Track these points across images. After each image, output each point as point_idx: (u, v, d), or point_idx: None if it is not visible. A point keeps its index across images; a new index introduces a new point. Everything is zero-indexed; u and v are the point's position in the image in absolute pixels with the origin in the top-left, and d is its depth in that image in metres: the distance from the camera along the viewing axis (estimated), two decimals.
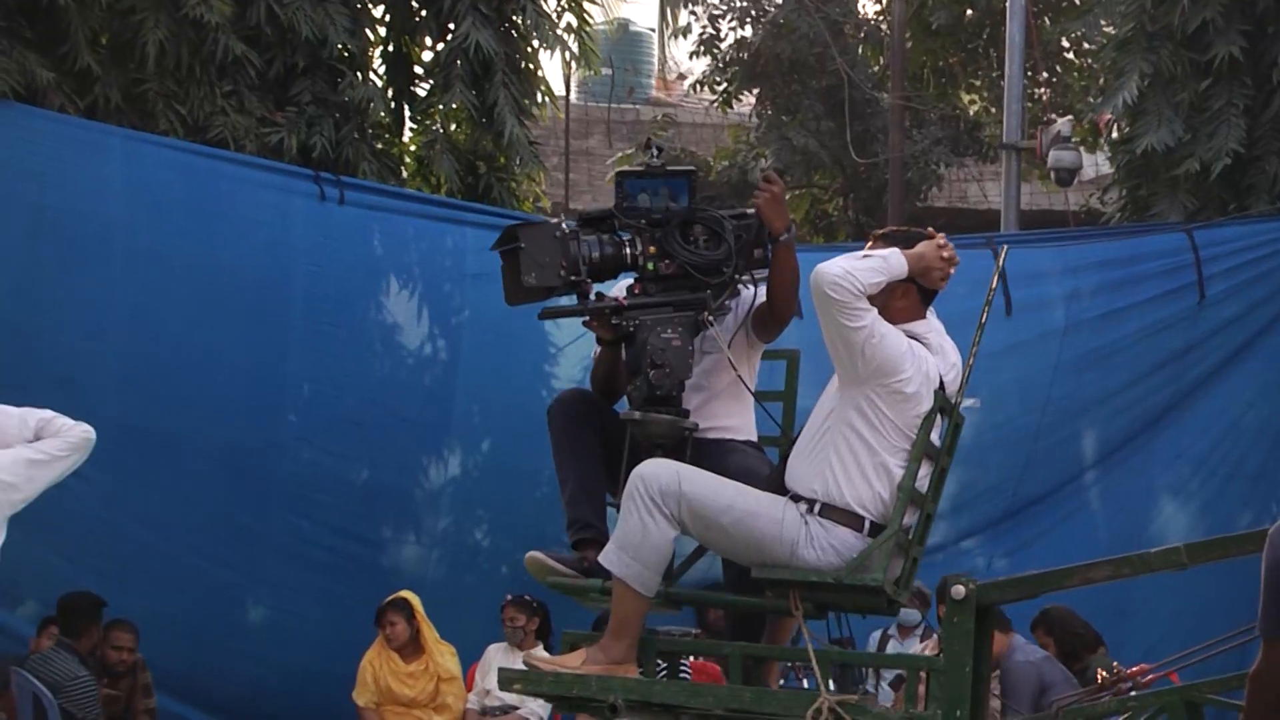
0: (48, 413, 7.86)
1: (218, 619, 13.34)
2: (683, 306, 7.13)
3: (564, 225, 7.29)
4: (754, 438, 7.49)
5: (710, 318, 7.14)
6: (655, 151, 7.45)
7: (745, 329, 7.42)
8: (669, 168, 7.37)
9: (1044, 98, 23.38)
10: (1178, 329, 15.18)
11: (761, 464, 7.30)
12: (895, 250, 6.87)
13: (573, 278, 7.15)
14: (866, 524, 6.78)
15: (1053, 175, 21.10)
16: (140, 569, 12.95)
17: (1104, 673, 10.35)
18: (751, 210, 7.25)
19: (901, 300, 6.94)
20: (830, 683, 7.18)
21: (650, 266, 7.19)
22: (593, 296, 7.25)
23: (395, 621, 13.20)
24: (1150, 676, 9.62)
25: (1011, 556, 14.68)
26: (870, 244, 7.15)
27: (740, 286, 7.33)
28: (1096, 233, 17.69)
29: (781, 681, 8.79)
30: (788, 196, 25.02)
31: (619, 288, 7.29)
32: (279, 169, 14.56)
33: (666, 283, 7.17)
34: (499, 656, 13.10)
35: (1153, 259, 15.40)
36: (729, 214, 7.26)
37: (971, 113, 25.73)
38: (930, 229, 7.24)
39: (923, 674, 7.18)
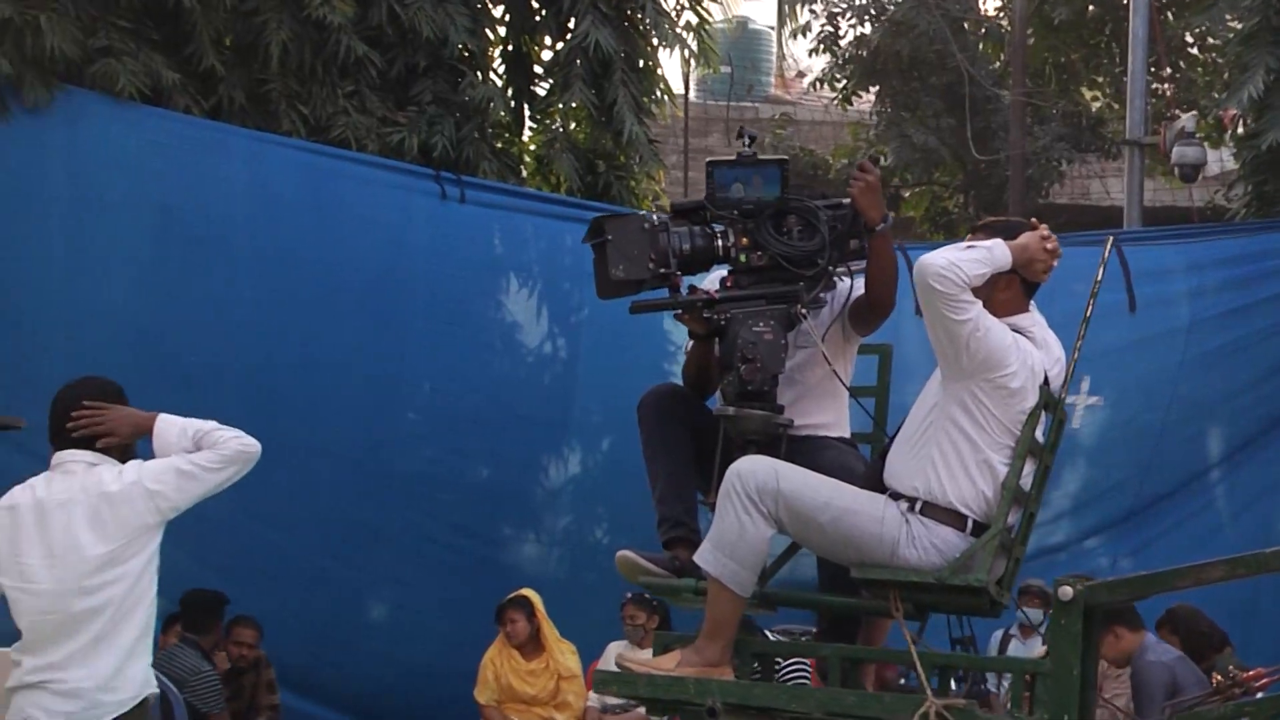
0: (209, 424, 7.85)
1: (340, 616, 13.47)
2: (775, 299, 7.06)
3: (653, 217, 7.26)
4: (848, 434, 7.44)
5: (803, 311, 7.07)
6: (747, 140, 7.36)
7: (841, 322, 7.37)
8: (760, 157, 7.29)
9: (1167, 93, 23.24)
10: None
11: (857, 461, 7.26)
12: (999, 241, 6.77)
13: (662, 270, 7.11)
14: (969, 523, 6.70)
15: (1176, 171, 20.96)
16: (264, 567, 13.08)
17: (1219, 676, 10.28)
18: (847, 200, 7.16)
19: (1004, 292, 6.83)
20: (952, 682, 7.14)
21: (742, 258, 7.12)
22: (685, 289, 7.18)
23: (516, 619, 13.25)
24: (1265, 681, 9.53)
25: (1136, 555, 14.60)
26: (970, 235, 7.04)
27: (835, 279, 7.25)
28: (1221, 229, 17.56)
29: (901, 681, 8.76)
30: (908, 194, 25.39)
31: (710, 280, 7.25)
32: (400, 168, 14.67)
33: (759, 275, 7.11)
34: (619, 655, 13.18)
35: (1278, 256, 15.31)
36: (823, 204, 7.19)
37: (1094, 108, 25.62)
38: (1034, 220, 7.12)
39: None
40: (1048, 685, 6.54)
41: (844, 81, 25.83)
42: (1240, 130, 17.86)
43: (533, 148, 16.97)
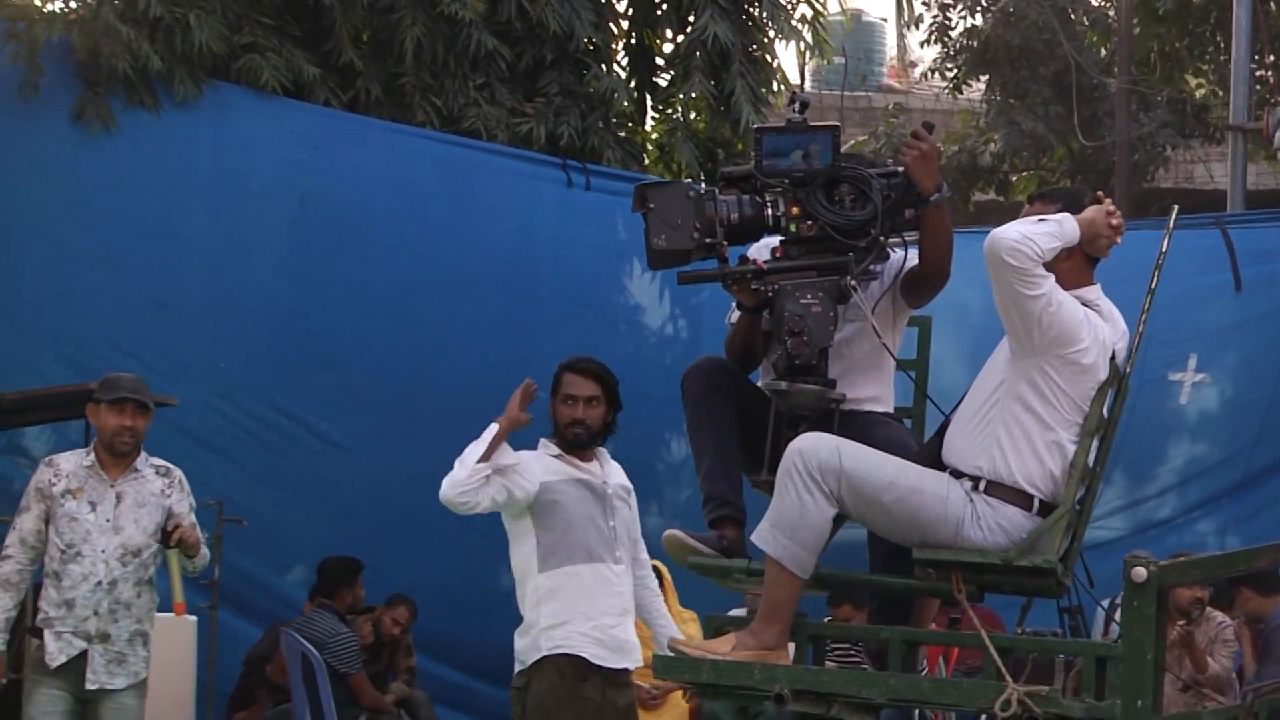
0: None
1: (472, 585, 13.42)
2: (826, 270, 6.68)
3: (699, 186, 6.95)
4: (892, 409, 7.13)
5: (853, 282, 6.68)
6: (798, 106, 6.93)
7: (892, 294, 7.03)
8: (811, 123, 6.86)
9: (1270, 80, 23.04)
10: None
11: (907, 437, 6.99)
12: (1068, 215, 6.45)
13: (708, 240, 6.73)
14: (1036, 503, 6.39)
15: (1279, 155, 20.91)
16: (401, 537, 13.17)
17: None
18: (902, 168, 6.75)
19: (1066, 263, 6.43)
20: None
21: (792, 228, 6.74)
22: (735, 259, 6.85)
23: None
24: None
25: (1241, 528, 14.58)
26: (1029, 205, 6.77)
27: (888, 250, 6.87)
28: None
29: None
30: (1016, 178, 25.36)
31: (756, 249, 6.92)
32: (528, 157, 14.78)
33: (809, 245, 6.72)
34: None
35: None
36: (877, 172, 6.78)
37: (1198, 95, 25.40)
38: (1099, 193, 6.78)
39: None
40: (1120, 670, 6.19)
41: (954, 71, 25.69)
42: None
43: (654, 136, 17.04)
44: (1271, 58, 23.01)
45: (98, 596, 8.11)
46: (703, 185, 6.95)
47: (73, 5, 13.84)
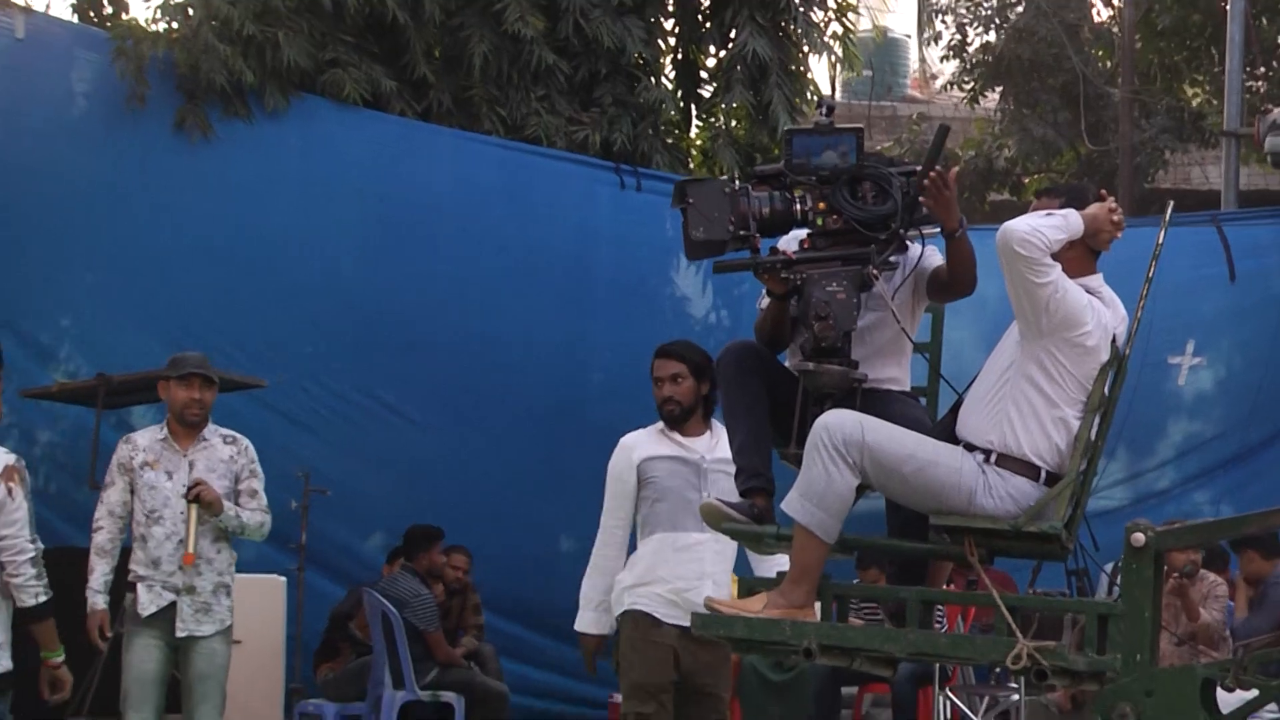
0: None
1: (535, 548, 13.47)
2: (850, 261, 6.62)
3: (734, 182, 6.85)
4: (909, 388, 7.04)
5: (875, 272, 6.63)
6: (825, 110, 6.93)
7: (911, 283, 6.95)
8: (837, 125, 6.83)
9: (1261, 90, 22.93)
10: None
11: (923, 414, 6.90)
12: (1073, 211, 6.42)
13: (741, 232, 6.68)
14: (1042, 474, 6.34)
15: (1269, 159, 20.74)
16: (470, 505, 13.13)
17: None
18: (919, 166, 6.68)
19: (1070, 253, 6.41)
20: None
21: (819, 221, 6.67)
22: (766, 250, 6.79)
23: None
24: None
25: (1234, 497, 14.51)
26: (1037, 199, 6.72)
27: (907, 242, 6.81)
28: None
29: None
30: (1028, 180, 25.26)
31: (785, 241, 6.86)
32: (584, 161, 14.78)
33: (834, 237, 6.67)
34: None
35: None
36: (897, 170, 6.75)
37: (1195, 104, 25.25)
38: (1102, 190, 6.73)
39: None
40: (1121, 627, 6.14)
41: (971, 83, 25.64)
42: None
43: (699, 143, 16.95)
44: (1262, 69, 22.90)
45: (178, 554, 8.14)
46: (737, 182, 6.86)
47: (175, 25, 13.85)
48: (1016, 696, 12.32)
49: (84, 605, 8.45)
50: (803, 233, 6.71)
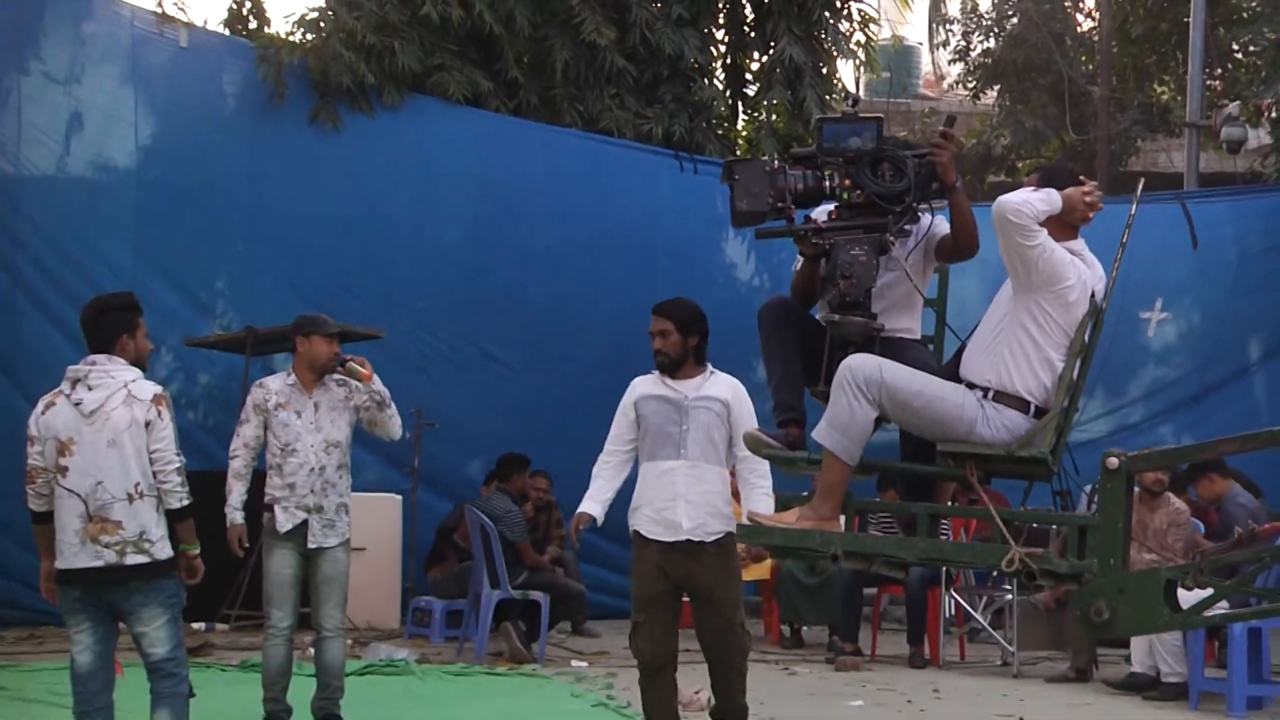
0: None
1: None
2: (870, 229, 6.57)
3: (774, 162, 6.78)
4: (919, 336, 6.99)
5: (891, 238, 6.59)
6: (851, 102, 6.87)
7: (922, 249, 6.89)
8: (861, 114, 6.76)
9: (1218, 88, 22.74)
10: None
11: (931, 358, 6.85)
12: (1054, 191, 6.35)
13: (779, 205, 6.60)
14: (1032, 407, 6.30)
15: (1224, 146, 20.63)
16: (554, 434, 13.13)
17: (1240, 529, 10.14)
18: (928, 150, 6.64)
19: (1053, 223, 6.35)
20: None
21: (844, 196, 6.58)
22: (800, 219, 6.71)
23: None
24: (1267, 528, 9.32)
25: (1193, 430, 14.37)
26: (1028, 177, 6.60)
27: (919, 213, 6.74)
28: (1259, 189, 17.31)
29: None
30: (1021, 164, 25.10)
31: (817, 212, 6.73)
32: (649, 149, 14.80)
33: (857, 209, 6.57)
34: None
35: None
36: (912, 153, 6.68)
37: (1162, 100, 25.07)
38: (1082, 177, 6.64)
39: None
40: (1097, 536, 6.10)
41: (973, 82, 25.52)
42: (1274, 115, 17.55)
43: (744, 133, 16.88)
44: (1219, 71, 22.68)
45: (311, 480, 8.16)
46: (776, 162, 6.77)
47: (308, 36, 13.96)
48: (1010, 596, 12.30)
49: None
50: (831, 205, 6.66)
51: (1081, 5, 25.82)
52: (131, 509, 6.44)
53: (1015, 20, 25.10)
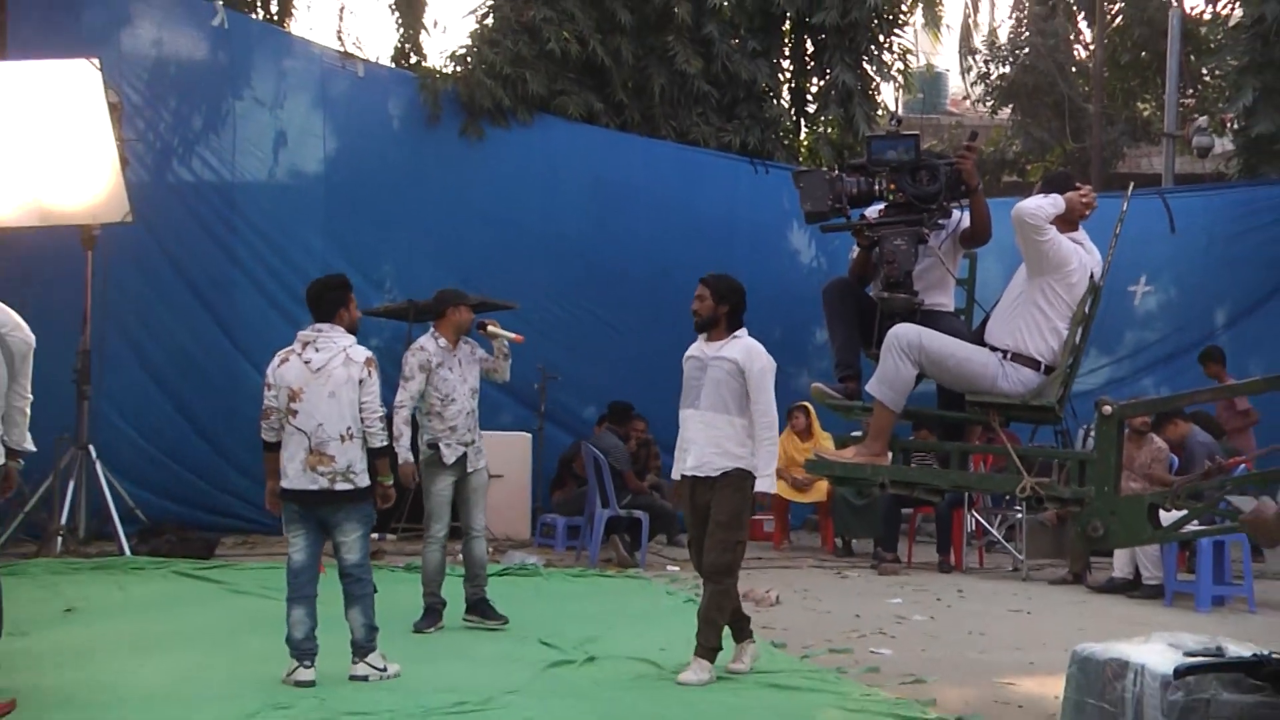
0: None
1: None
2: (910, 224, 6.58)
3: (833, 171, 6.76)
4: (953, 309, 6.91)
5: (926, 231, 6.61)
6: (894, 121, 6.96)
7: (952, 239, 6.83)
8: (902, 132, 6.81)
9: (1190, 105, 22.43)
10: (1266, 241, 14.67)
11: (962, 326, 6.79)
12: (1059, 195, 6.31)
13: (837, 205, 6.62)
14: (1042, 366, 6.30)
15: (1195, 152, 20.39)
16: (653, 386, 12.96)
17: (1209, 461, 10.03)
18: (956, 159, 6.65)
19: (1057, 221, 6.30)
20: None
21: (890, 197, 6.61)
22: (855, 217, 6.71)
23: (798, 417, 13.20)
24: (1234, 461, 9.23)
25: (1170, 383, 14.25)
26: (1039, 184, 6.55)
27: (949, 211, 6.72)
28: (1225, 186, 17.04)
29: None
30: (1030, 167, 24.83)
31: (869, 210, 6.74)
32: (729, 157, 14.81)
33: (900, 208, 6.60)
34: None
35: (1262, 202, 14.90)
36: (943, 162, 6.63)
37: (1145, 115, 24.75)
38: (1079, 182, 6.61)
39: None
40: (1094, 469, 6.12)
41: (991, 101, 25.31)
42: (1235, 126, 17.33)
43: (806, 144, 16.85)
44: (1191, 91, 22.37)
45: (466, 421, 8.23)
46: (834, 169, 6.83)
47: (458, 69, 14.01)
48: (1020, 515, 12.30)
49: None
50: (880, 205, 6.69)
51: (1079, 38, 25.45)
52: (343, 447, 6.65)
53: (1026, 51, 24.82)
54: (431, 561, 8.26)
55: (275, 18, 15.64)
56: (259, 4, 15.62)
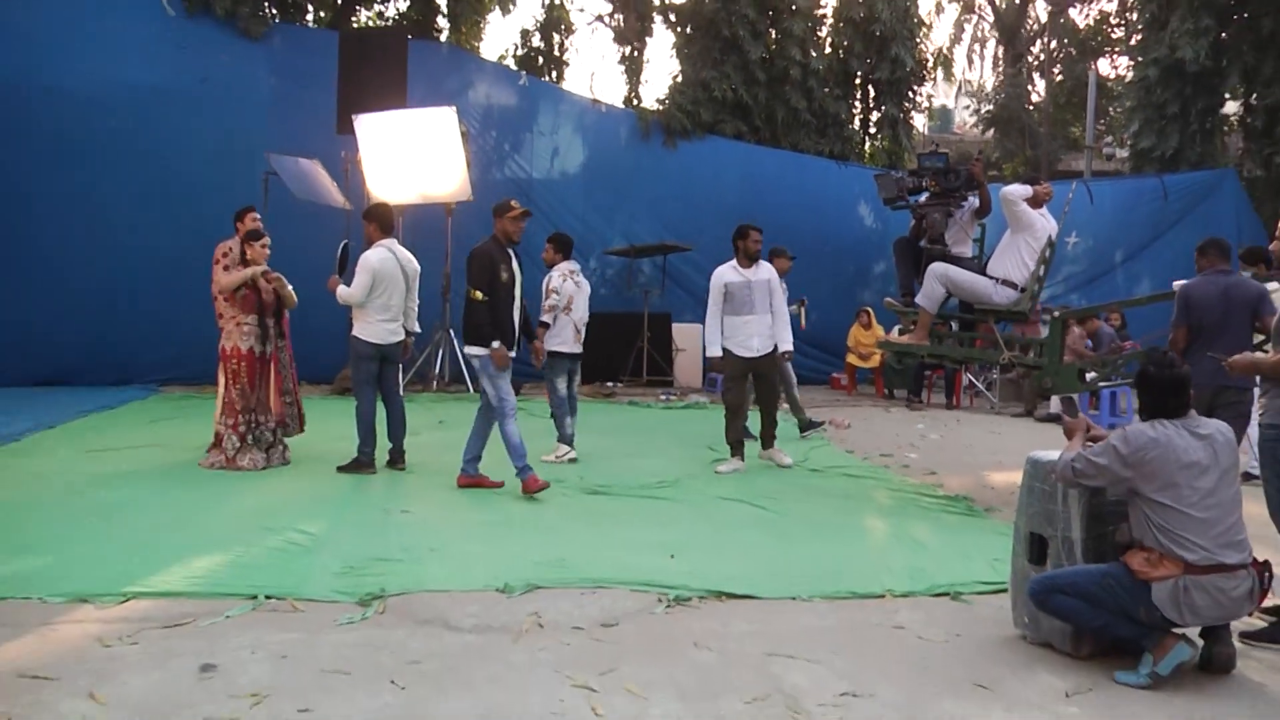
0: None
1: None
2: (943, 205, 6.33)
3: (901, 174, 6.56)
4: (971, 256, 6.54)
5: (952, 210, 6.35)
6: (935, 146, 6.91)
7: (970, 214, 6.50)
8: (937, 151, 6.65)
9: (1102, 129, 21.44)
10: (1147, 211, 14.21)
11: (974, 265, 6.40)
12: (1029, 185, 6.14)
13: (900, 195, 6.44)
14: (1019, 288, 6.08)
15: (1106, 158, 19.61)
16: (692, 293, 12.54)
17: (1113, 345, 9.85)
18: (970, 165, 6.45)
19: (1028, 201, 6.10)
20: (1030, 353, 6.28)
21: (931, 189, 6.40)
22: (911, 201, 6.49)
23: (863, 315, 12.59)
24: (1129, 344, 9.03)
25: (1087, 297, 13.84)
26: (1016, 175, 6.50)
27: (966, 198, 6.43)
28: (1122, 177, 16.38)
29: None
30: (1004, 167, 23.80)
31: (920, 198, 6.50)
32: (823, 160, 14.23)
33: (937, 196, 6.36)
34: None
35: (1145, 187, 14.40)
36: (963, 167, 6.41)
37: (1075, 134, 23.62)
38: (1041, 179, 6.46)
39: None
40: (1047, 346, 5.94)
41: (980, 126, 24.23)
42: (1129, 143, 16.69)
43: (869, 153, 16.36)
44: (1102, 120, 21.43)
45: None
46: (898, 172, 6.73)
47: (661, 105, 13.85)
48: (996, 375, 12.19)
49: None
50: (925, 195, 6.63)
51: (1034, 88, 24.34)
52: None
53: (1002, 96, 23.86)
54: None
55: (554, 79, 15.86)
56: (548, 72, 15.75)
